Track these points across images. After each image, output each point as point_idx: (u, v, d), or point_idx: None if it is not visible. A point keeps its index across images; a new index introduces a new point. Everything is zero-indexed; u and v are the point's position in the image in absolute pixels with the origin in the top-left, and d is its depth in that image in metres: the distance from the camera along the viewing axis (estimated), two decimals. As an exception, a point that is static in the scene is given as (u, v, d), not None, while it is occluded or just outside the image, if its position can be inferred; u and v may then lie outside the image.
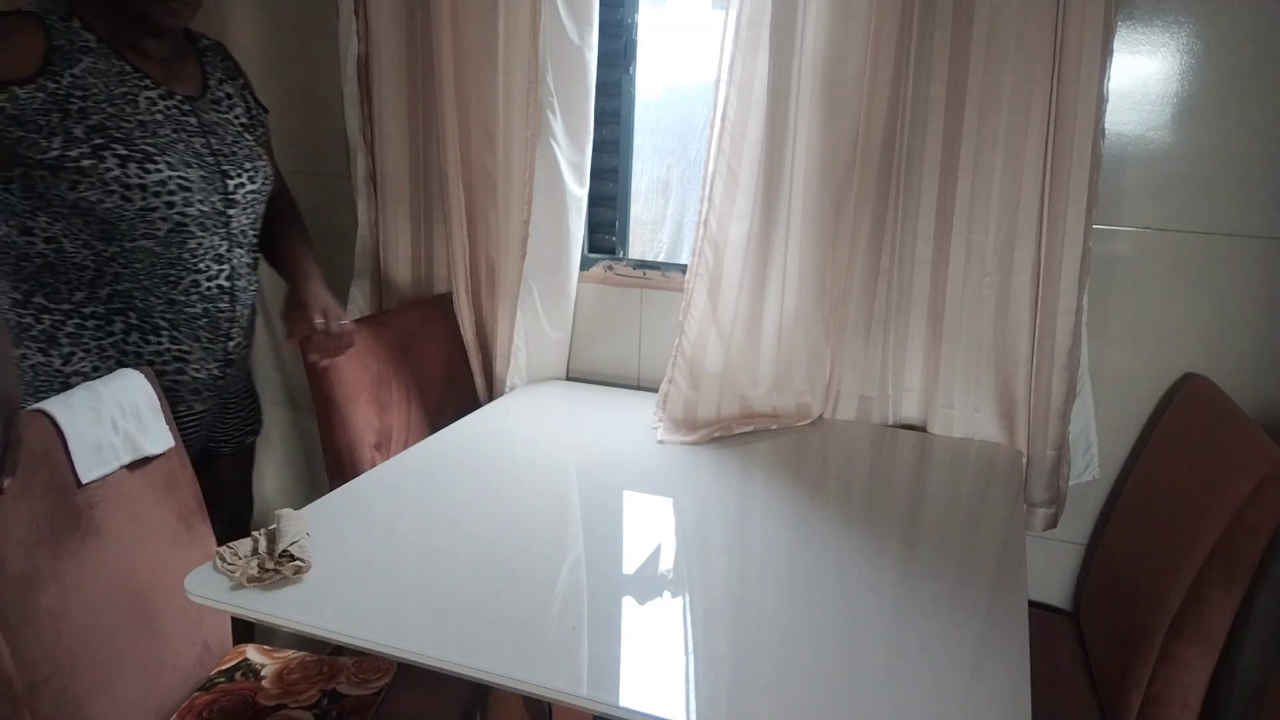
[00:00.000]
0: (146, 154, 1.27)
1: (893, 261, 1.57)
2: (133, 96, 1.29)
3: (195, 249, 1.35)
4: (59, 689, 1.06)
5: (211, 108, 1.41)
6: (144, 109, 1.29)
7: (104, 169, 1.24)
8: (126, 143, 1.26)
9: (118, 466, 1.20)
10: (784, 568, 1.18)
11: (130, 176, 1.25)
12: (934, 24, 1.44)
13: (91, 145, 1.23)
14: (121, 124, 1.26)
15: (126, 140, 1.26)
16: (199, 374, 1.41)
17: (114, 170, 1.24)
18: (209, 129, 1.38)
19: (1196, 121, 1.45)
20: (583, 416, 1.74)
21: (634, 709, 0.87)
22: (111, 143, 1.24)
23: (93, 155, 1.23)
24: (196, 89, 1.40)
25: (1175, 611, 1.18)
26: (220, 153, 1.38)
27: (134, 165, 1.26)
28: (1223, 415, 1.33)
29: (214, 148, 1.37)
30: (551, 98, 1.69)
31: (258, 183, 1.44)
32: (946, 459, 1.55)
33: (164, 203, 1.29)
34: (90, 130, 1.23)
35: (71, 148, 1.22)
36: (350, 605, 1.03)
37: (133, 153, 1.26)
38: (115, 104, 1.27)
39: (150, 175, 1.27)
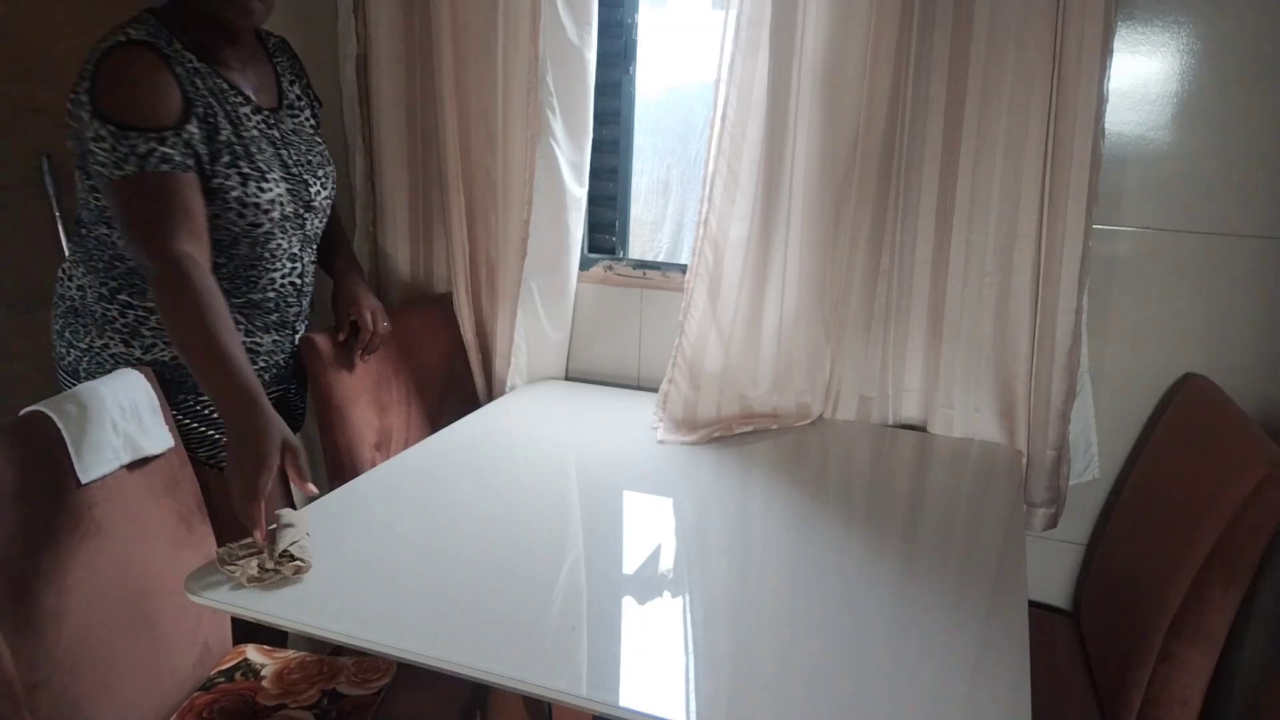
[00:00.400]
0: (261, 173, 1.31)
1: (893, 261, 1.57)
2: (237, 114, 1.31)
3: (275, 250, 1.38)
4: (59, 689, 1.06)
5: (288, 116, 1.43)
6: (246, 125, 1.32)
7: (229, 187, 1.27)
8: (247, 160, 1.30)
9: (118, 466, 1.20)
10: (784, 568, 1.18)
11: (249, 195, 1.29)
12: (934, 24, 1.44)
13: (222, 164, 1.26)
14: (238, 141, 1.29)
15: (247, 159, 1.30)
16: (267, 364, 1.46)
17: (235, 189, 1.28)
18: (288, 140, 1.41)
19: (1196, 121, 1.45)
20: (583, 416, 1.74)
21: (634, 709, 0.87)
22: (237, 160, 1.28)
23: (223, 174, 1.26)
24: (274, 99, 1.42)
25: (1175, 611, 1.18)
26: (299, 163, 1.41)
27: (253, 184, 1.30)
28: (1223, 415, 1.33)
29: (294, 158, 1.40)
30: (551, 98, 1.69)
31: (329, 188, 1.48)
32: (946, 459, 1.54)
33: (268, 218, 1.33)
34: (220, 149, 1.26)
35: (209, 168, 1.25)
36: (350, 605, 1.03)
37: (251, 171, 1.30)
38: (231, 121, 1.29)
39: (265, 194, 1.31)
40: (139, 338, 1.34)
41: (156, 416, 1.27)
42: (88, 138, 1.17)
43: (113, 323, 1.33)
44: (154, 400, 1.27)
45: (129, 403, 1.23)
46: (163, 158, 1.18)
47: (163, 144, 1.18)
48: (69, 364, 1.36)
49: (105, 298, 1.33)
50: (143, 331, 1.34)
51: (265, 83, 1.42)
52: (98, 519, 1.16)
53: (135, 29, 1.22)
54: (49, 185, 1.70)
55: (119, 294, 1.33)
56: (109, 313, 1.33)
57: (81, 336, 1.34)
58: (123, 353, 1.34)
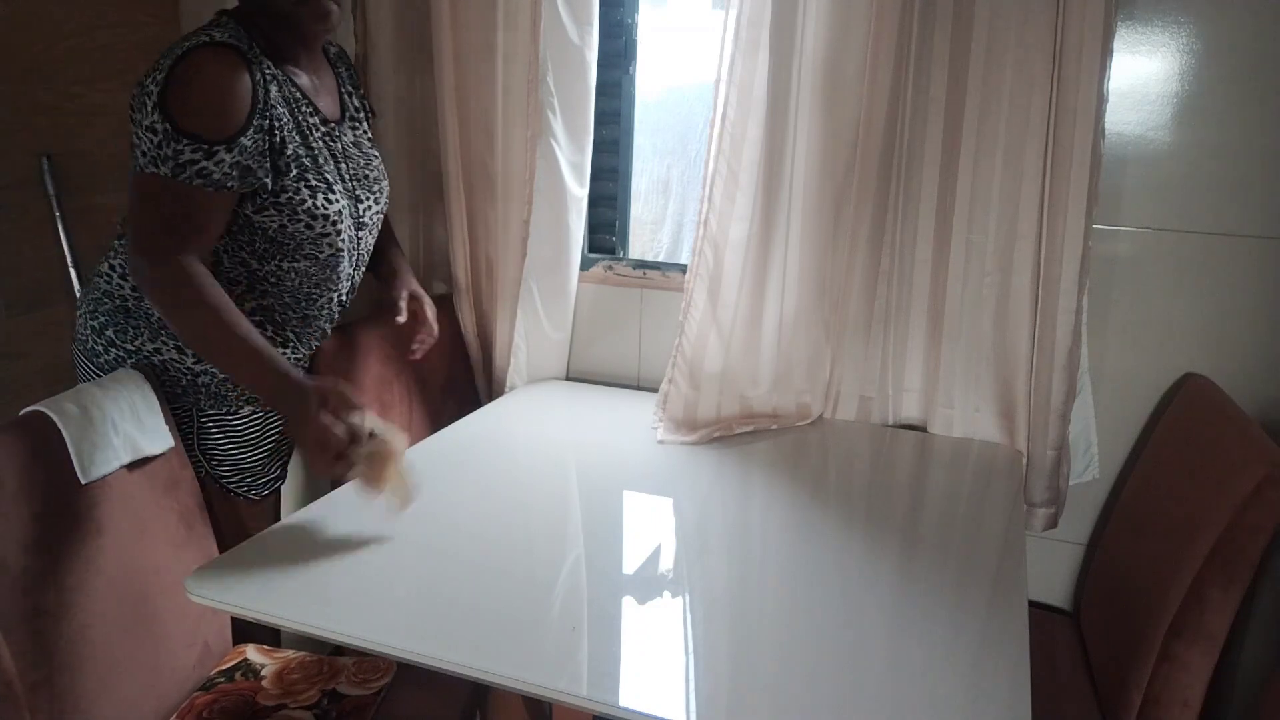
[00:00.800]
0: (328, 184, 1.30)
1: (893, 261, 1.57)
2: (306, 124, 1.30)
3: (337, 272, 1.38)
4: (59, 689, 1.06)
5: (349, 129, 1.41)
6: (313, 138, 1.31)
7: (299, 200, 1.26)
8: (315, 172, 1.28)
9: (118, 466, 1.20)
10: (784, 568, 1.18)
11: (318, 207, 1.28)
12: (934, 24, 1.44)
13: (290, 177, 1.25)
14: (306, 153, 1.28)
15: (315, 170, 1.28)
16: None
17: (307, 201, 1.26)
18: (347, 154, 1.39)
19: (1196, 121, 1.45)
20: (583, 416, 1.74)
21: (634, 709, 0.87)
22: (305, 172, 1.27)
23: (291, 187, 1.25)
24: (336, 110, 1.40)
25: (1175, 611, 1.18)
26: (355, 177, 1.39)
27: (321, 196, 1.28)
28: (1223, 415, 1.33)
29: (351, 172, 1.39)
30: (551, 97, 1.69)
31: (380, 202, 1.46)
32: (946, 459, 1.55)
33: (335, 230, 1.31)
34: (289, 162, 1.25)
35: (278, 180, 1.23)
36: (350, 605, 1.03)
37: (319, 183, 1.28)
38: (300, 133, 1.28)
39: (333, 205, 1.30)
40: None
41: (156, 416, 1.27)
42: (143, 124, 1.15)
43: (166, 329, 1.30)
44: (154, 400, 1.27)
45: (129, 403, 1.23)
46: (200, 172, 1.15)
47: (210, 159, 1.15)
48: (106, 362, 1.32)
49: None
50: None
51: (330, 92, 1.40)
52: (98, 519, 1.16)
53: (219, 32, 1.19)
54: (49, 185, 1.70)
55: None
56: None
57: (130, 338, 1.31)
58: (174, 360, 1.31)
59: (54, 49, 1.71)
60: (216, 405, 1.35)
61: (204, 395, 1.34)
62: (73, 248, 1.74)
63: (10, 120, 1.65)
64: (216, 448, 1.38)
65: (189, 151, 1.14)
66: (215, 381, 1.34)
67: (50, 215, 1.72)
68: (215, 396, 1.35)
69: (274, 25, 1.27)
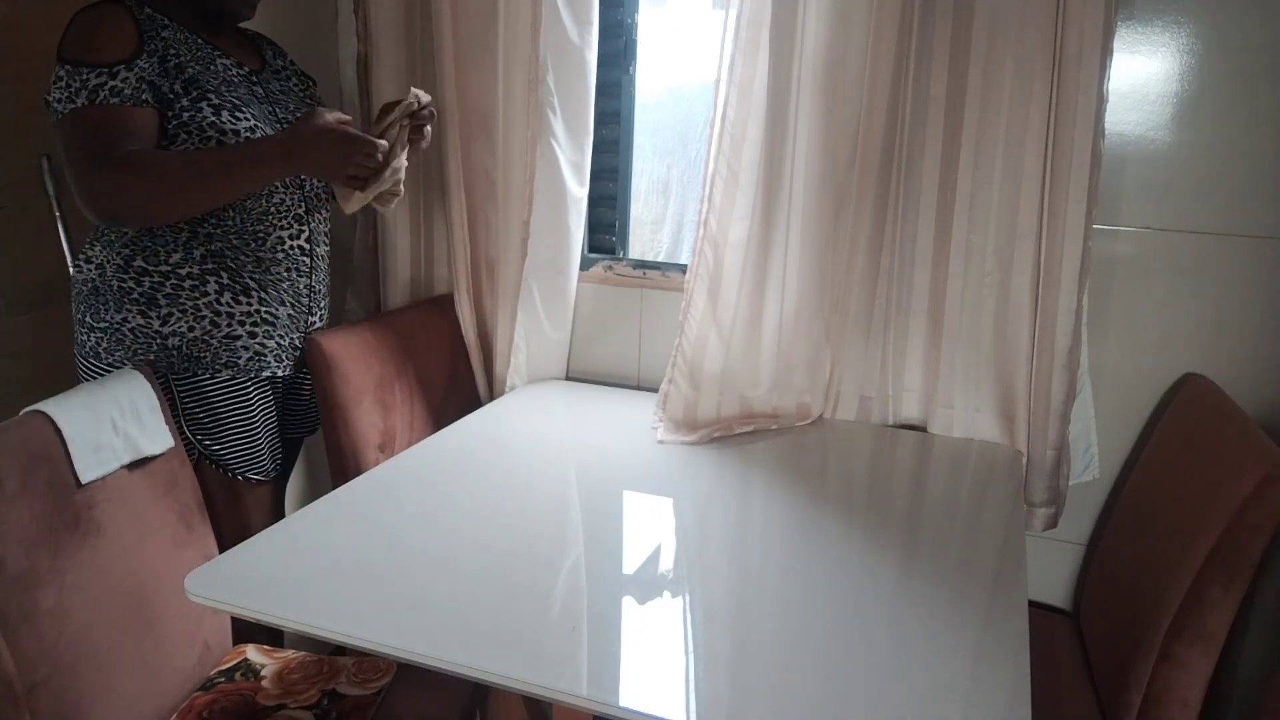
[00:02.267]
0: (234, 105, 1.34)
1: (893, 261, 1.57)
2: (210, 60, 1.36)
3: (279, 205, 1.42)
4: (59, 689, 1.06)
5: (273, 78, 1.48)
6: (221, 72, 1.36)
7: (201, 118, 1.29)
8: (217, 94, 1.32)
9: (118, 466, 1.20)
10: (784, 568, 1.18)
11: (224, 123, 1.31)
12: (934, 24, 1.44)
13: (190, 98, 1.29)
14: (209, 79, 1.33)
15: (216, 92, 1.32)
16: (283, 340, 1.48)
17: (210, 117, 1.30)
18: (274, 99, 1.45)
19: (1196, 121, 1.45)
20: (583, 416, 1.74)
21: (634, 709, 0.87)
22: (206, 93, 1.31)
23: (191, 107, 1.29)
24: (258, 64, 1.47)
25: (1175, 611, 1.18)
26: (286, 120, 1.44)
27: (226, 114, 1.31)
28: (1223, 415, 1.33)
29: (280, 116, 1.44)
30: (551, 97, 1.69)
31: None
32: (946, 459, 1.55)
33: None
34: (186, 84, 1.29)
35: (175, 103, 1.28)
36: (350, 605, 1.03)
37: (224, 102, 1.32)
38: (202, 62, 1.34)
39: (241, 123, 1.33)
40: (156, 307, 1.34)
41: (156, 416, 1.27)
42: (52, 86, 1.23)
43: (130, 294, 1.34)
44: (154, 400, 1.27)
45: (129, 403, 1.23)
46: (113, 90, 1.22)
47: (114, 78, 1.22)
48: (90, 349, 1.37)
49: (121, 268, 1.34)
50: (159, 300, 1.34)
51: (247, 52, 1.47)
52: (98, 519, 1.16)
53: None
54: (49, 185, 1.71)
55: (134, 260, 1.34)
56: (125, 284, 1.34)
57: (101, 315, 1.35)
58: (141, 325, 1.35)
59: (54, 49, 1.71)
60: (192, 367, 1.38)
61: (176, 358, 1.37)
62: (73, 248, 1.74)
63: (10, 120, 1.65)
64: (201, 424, 1.39)
65: (94, 77, 1.22)
66: (185, 342, 1.36)
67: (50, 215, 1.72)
68: (189, 359, 1.37)
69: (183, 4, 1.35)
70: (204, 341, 1.37)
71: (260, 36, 1.56)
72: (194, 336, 1.36)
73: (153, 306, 1.35)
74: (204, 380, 1.39)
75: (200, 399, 1.39)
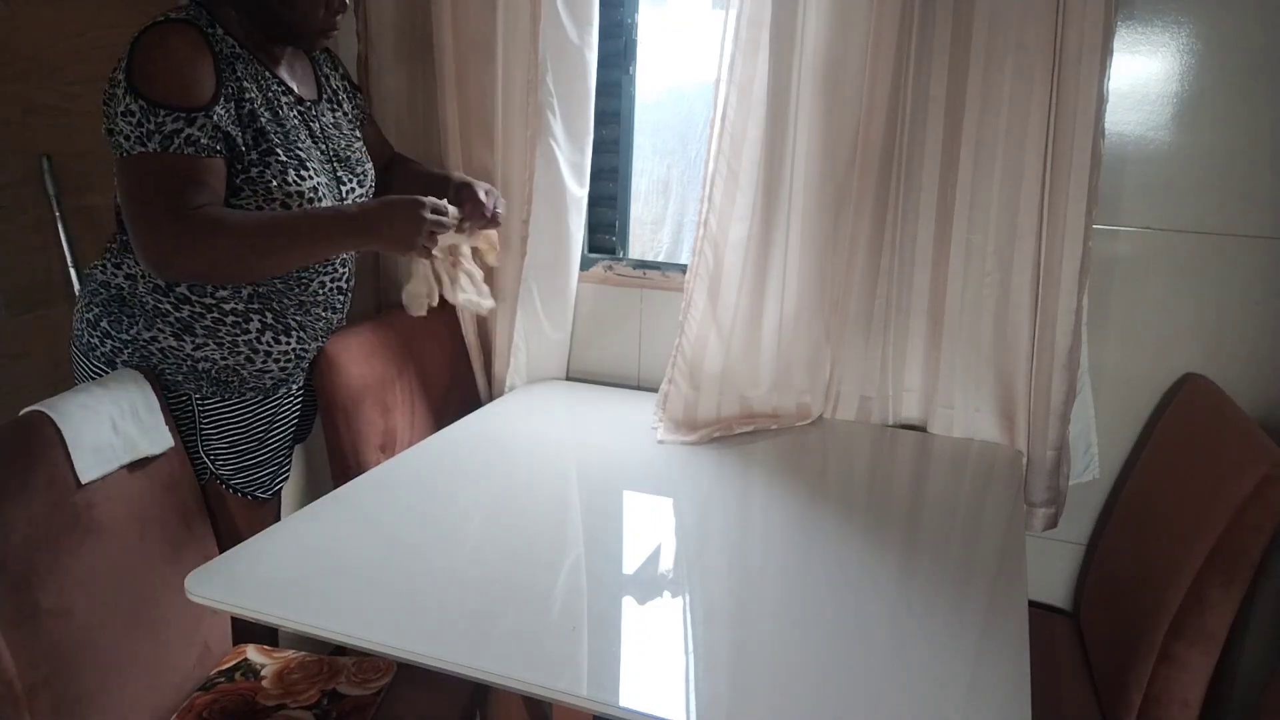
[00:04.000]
0: (300, 160, 1.29)
1: (893, 261, 1.57)
2: (276, 102, 1.29)
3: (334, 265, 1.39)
4: (59, 689, 1.06)
5: (327, 109, 1.42)
6: (285, 115, 1.30)
7: (269, 176, 1.25)
8: (284, 148, 1.27)
9: (118, 466, 1.20)
10: (784, 568, 1.19)
11: (290, 183, 1.27)
12: (934, 24, 1.44)
13: (259, 151, 1.24)
14: (277, 129, 1.27)
15: (284, 146, 1.27)
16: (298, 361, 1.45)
17: (276, 178, 1.25)
18: (327, 134, 1.39)
19: (1196, 121, 1.45)
20: (583, 416, 1.74)
21: (634, 709, 0.87)
22: (274, 148, 1.26)
23: (260, 162, 1.24)
24: (313, 90, 1.41)
25: (1175, 611, 1.18)
26: (336, 157, 1.39)
27: (292, 172, 1.27)
28: (1223, 415, 1.33)
29: (330, 152, 1.39)
30: (551, 98, 1.69)
31: (366, 185, 1.46)
32: (946, 459, 1.54)
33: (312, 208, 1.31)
34: (257, 136, 1.24)
35: (244, 155, 1.23)
36: (350, 605, 1.03)
37: (290, 159, 1.27)
38: (270, 109, 1.27)
39: (305, 182, 1.29)
40: (191, 334, 1.31)
41: (156, 416, 1.27)
42: (118, 112, 1.15)
43: (165, 315, 1.30)
44: (154, 400, 1.27)
45: (129, 403, 1.23)
46: (188, 140, 1.15)
47: (191, 125, 1.15)
48: (104, 353, 1.32)
49: (160, 290, 1.29)
50: (196, 328, 1.31)
51: (304, 76, 1.40)
52: (98, 519, 1.16)
53: (175, 13, 1.21)
54: (49, 185, 1.70)
55: (175, 287, 1.29)
56: (162, 305, 1.29)
57: (126, 327, 1.30)
58: (173, 347, 1.31)
59: (54, 49, 1.71)
60: (220, 391, 1.35)
61: (205, 382, 1.34)
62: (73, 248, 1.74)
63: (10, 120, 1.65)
64: (219, 448, 1.38)
65: (170, 122, 1.14)
66: (216, 367, 1.33)
67: (50, 215, 1.72)
68: (218, 382, 1.35)
69: (258, 23, 1.28)
70: (235, 370, 1.35)
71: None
72: (226, 365, 1.34)
73: (188, 332, 1.31)
74: (229, 414, 1.38)
75: (223, 431, 1.38)
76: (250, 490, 1.43)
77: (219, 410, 1.36)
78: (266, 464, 1.45)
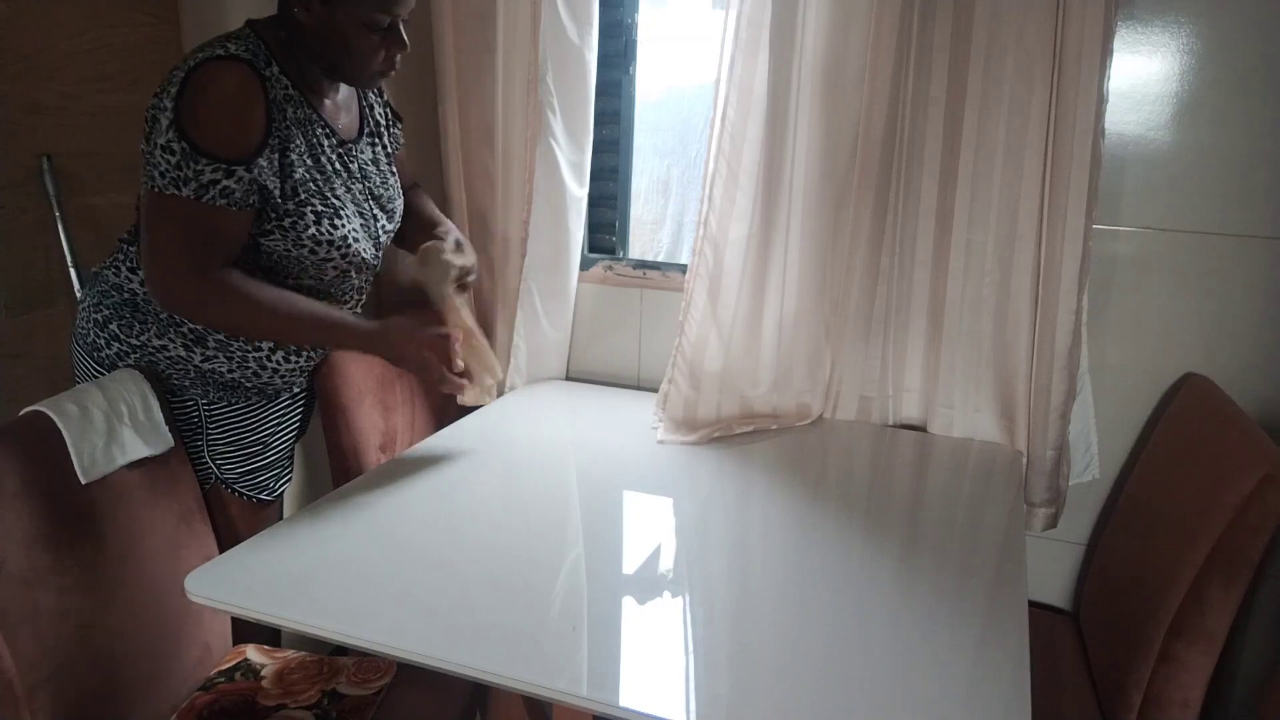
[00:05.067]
0: (335, 209, 1.28)
1: (893, 261, 1.57)
2: (318, 146, 1.28)
3: (347, 287, 1.38)
4: (59, 689, 1.06)
5: (367, 146, 1.39)
6: (325, 158, 1.29)
7: (303, 225, 1.24)
8: (321, 197, 1.26)
9: (118, 466, 1.20)
10: (784, 568, 1.19)
11: (322, 233, 1.26)
12: (934, 24, 1.44)
13: (295, 202, 1.23)
14: (316, 177, 1.26)
15: (321, 195, 1.26)
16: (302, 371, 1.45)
17: (310, 228, 1.25)
18: (364, 172, 1.37)
19: (1196, 121, 1.45)
20: (583, 416, 1.74)
21: (634, 709, 0.87)
22: (311, 198, 1.25)
23: (295, 212, 1.23)
24: (355, 128, 1.38)
25: (1175, 611, 1.18)
26: (371, 195, 1.37)
27: (326, 222, 1.26)
28: (1223, 415, 1.33)
29: (366, 190, 1.37)
30: (551, 98, 1.69)
31: (395, 220, 1.45)
32: (946, 459, 1.54)
33: (340, 254, 1.30)
34: (295, 186, 1.23)
35: (279, 205, 1.22)
36: (350, 605, 1.03)
37: (325, 208, 1.26)
38: (312, 155, 1.26)
39: (338, 231, 1.28)
40: (202, 345, 1.30)
41: (156, 416, 1.27)
42: (157, 141, 1.13)
43: (178, 326, 1.29)
44: (154, 400, 1.27)
45: (129, 403, 1.23)
46: (223, 191, 1.14)
47: (230, 177, 1.14)
48: (107, 357, 1.31)
49: None
50: (209, 342, 1.30)
51: (349, 108, 1.37)
52: (98, 519, 1.16)
53: (234, 44, 1.17)
54: (49, 185, 1.70)
55: None
56: (176, 316, 1.29)
57: (137, 333, 1.30)
58: (182, 356, 1.30)
59: (54, 49, 1.71)
60: (227, 396, 1.35)
61: (213, 387, 1.34)
62: (73, 248, 1.73)
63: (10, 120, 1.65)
64: (225, 451, 1.38)
65: (210, 171, 1.13)
66: (223, 378, 1.33)
67: (50, 215, 1.71)
68: (225, 387, 1.34)
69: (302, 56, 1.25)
70: (241, 383, 1.36)
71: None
72: (234, 377, 1.34)
73: (199, 344, 1.30)
74: (235, 419, 1.38)
75: (229, 435, 1.38)
76: (254, 493, 1.43)
77: (225, 414, 1.37)
78: (270, 466, 1.45)
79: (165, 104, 1.13)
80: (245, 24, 1.24)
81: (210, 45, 1.17)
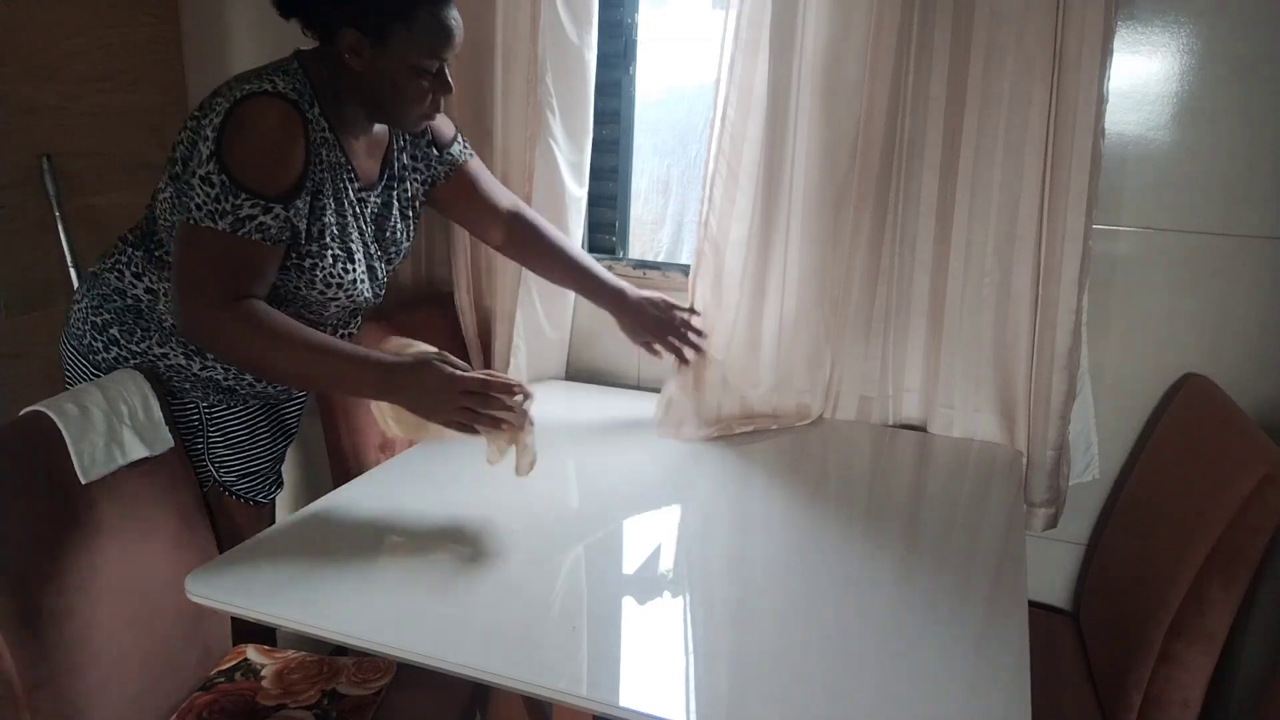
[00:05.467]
0: (349, 254, 1.28)
1: (893, 261, 1.57)
2: (343, 190, 1.27)
3: (343, 316, 1.38)
4: (60, 689, 1.06)
5: (385, 191, 1.37)
6: (348, 202, 1.28)
7: (320, 267, 1.24)
8: (339, 242, 1.26)
9: (118, 467, 1.20)
10: (784, 568, 1.19)
11: (334, 276, 1.26)
12: (934, 24, 1.44)
13: (318, 244, 1.23)
14: (337, 221, 1.26)
15: (339, 239, 1.26)
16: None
17: (325, 271, 1.25)
18: (376, 216, 1.36)
19: (1196, 121, 1.45)
20: (583, 416, 1.74)
21: (634, 709, 0.87)
22: (331, 241, 1.25)
23: (317, 253, 1.23)
24: (375, 173, 1.36)
25: (1175, 611, 1.18)
26: (377, 238, 1.37)
27: (340, 265, 1.26)
28: (1223, 415, 1.33)
29: (374, 234, 1.36)
30: (551, 98, 1.69)
31: (394, 262, 1.43)
32: (946, 459, 1.54)
33: (347, 295, 1.30)
34: (320, 230, 1.23)
35: (303, 246, 1.22)
36: (350, 605, 1.03)
37: (342, 251, 1.26)
38: (336, 199, 1.26)
39: (349, 275, 1.28)
40: (202, 356, 1.30)
41: (156, 416, 1.27)
42: (196, 171, 1.12)
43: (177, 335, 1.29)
44: (154, 400, 1.27)
45: (129, 403, 1.23)
46: (259, 227, 1.13)
47: (267, 213, 1.14)
48: (104, 361, 1.31)
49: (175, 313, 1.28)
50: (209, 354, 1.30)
51: (376, 153, 1.36)
52: (98, 519, 1.16)
53: (283, 81, 1.16)
54: (49, 185, 1.70)
55: None
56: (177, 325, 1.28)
57: (139, 339, 1.29)
58: (181, 365, 1.30)
59: (54, 49, 1.71)
60: (227, 399, 1.35)
61: (212, 391, 1.34)
62: (73, 248, 1.74)
63: (10, 120, 1.65)
64: (225, 454, 1.38)
65: (248, 207, 1.12)
66: (221, 385, 1.34)
67: (50, 215, 1.72)
68: (225, 391, 1.35)
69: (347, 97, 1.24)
70: (237, 389, 1.36)
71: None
72: (230, 385, 1.34)
73: (199, 354, 1.30)
74: (233, 424, 1.38)
75: (229, 439, 1.38)
76: (252, 495, 1.43)
77: (225, 417, 1.37)
78: (269, 470, 1.46)
79: (207, 133, 1.12)
80: (293, 55, 1.23)
81: (258, 77, 1.16)
